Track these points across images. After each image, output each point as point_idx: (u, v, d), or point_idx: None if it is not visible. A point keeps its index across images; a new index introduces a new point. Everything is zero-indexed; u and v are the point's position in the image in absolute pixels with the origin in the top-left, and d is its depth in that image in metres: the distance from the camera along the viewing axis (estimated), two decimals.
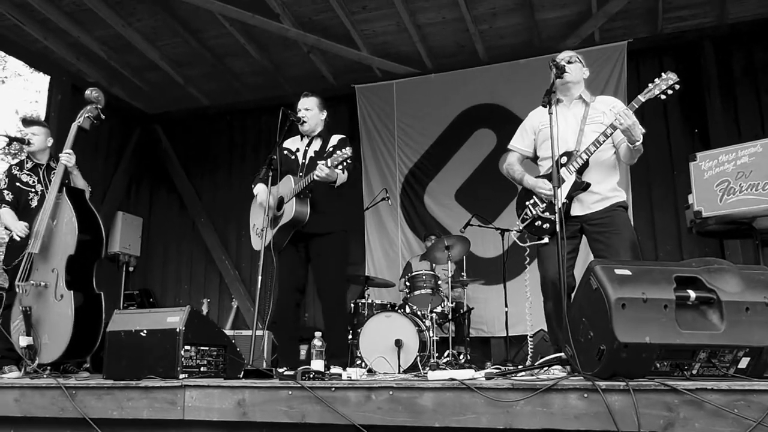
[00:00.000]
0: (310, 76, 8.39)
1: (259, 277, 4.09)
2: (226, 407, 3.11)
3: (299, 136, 4.94)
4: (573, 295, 3.08)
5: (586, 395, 2.59)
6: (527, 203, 4.29)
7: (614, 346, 2.62)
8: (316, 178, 4.40)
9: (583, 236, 4.17)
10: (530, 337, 5.30)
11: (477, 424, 2.72)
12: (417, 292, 6.14)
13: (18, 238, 4.79)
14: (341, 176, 4.55)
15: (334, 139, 4.93)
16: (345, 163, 4.34)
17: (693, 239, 7.09)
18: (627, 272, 2.77)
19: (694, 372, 2.75)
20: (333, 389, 2.96)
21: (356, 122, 8.40)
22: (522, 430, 2.67)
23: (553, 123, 3.69)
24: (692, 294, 2.76)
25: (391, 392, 2.86)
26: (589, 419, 2.57)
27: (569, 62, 4.14)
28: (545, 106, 3.74)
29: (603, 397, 2.54)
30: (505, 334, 6.60)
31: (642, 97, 3.88)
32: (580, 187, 4.02)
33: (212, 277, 9.11)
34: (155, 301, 8.87)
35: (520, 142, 4.49)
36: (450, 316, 6.28)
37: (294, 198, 4.56)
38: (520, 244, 4.36)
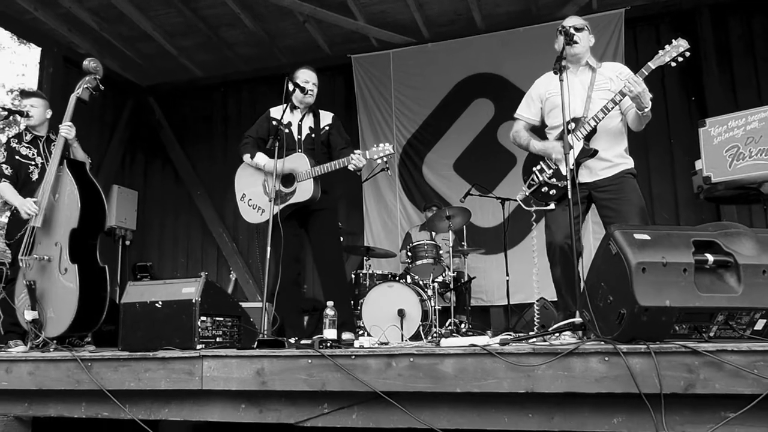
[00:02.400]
0: (305, 47, 8.30)
1: (269, 248, 4.09)
2: (244, 377, 3.13)
3: (287, 108, 4.81)
4: (592, 260, 3.09)
5: (607, 359, 2.63)
6: (534, 169, 4.28)
7: (635, 309, 2.66)
8: (351, 168, 4.46)
9: (592, 204, 4.19)
10: (536, 304, 5.33)
11: (498, 388, 2.75)
12: (419, 262, 6.15)
13: (27, 216, 4.70)
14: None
15: (327, 116, 4.95)
16: (384, 159, 4.45)
17: (690, 206, 7.16)
18: (646, 237, 2.79)
19: (712, 334, 2.80)
20: (353, 357, 2.98)
21: (353, 93, 8.35)
22: (543, 394, 2.70)
23: (564, 90, 3.69)
24: (710, 258, 2.79)
25: (411, 359, 2.88)
26: (610, 382, 2.61)
27: (578, 29, 4.11)
28: (556, 74, 3.74)
29: (624, 360, 2.58)
30: (505, 303, 6.66)
31: (652, 64, 3.87)
32: (588, 153, 4.02)
33: (210, 250, 9.08)
34: (152, 275, 8.82)
35: (526, 110, 4.47)
36: (451, 286, 6.31)
37: (311, 179, 4.57)
38: (524, 207, 4.34)
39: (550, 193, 4.16)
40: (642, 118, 3.97)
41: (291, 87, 4.69)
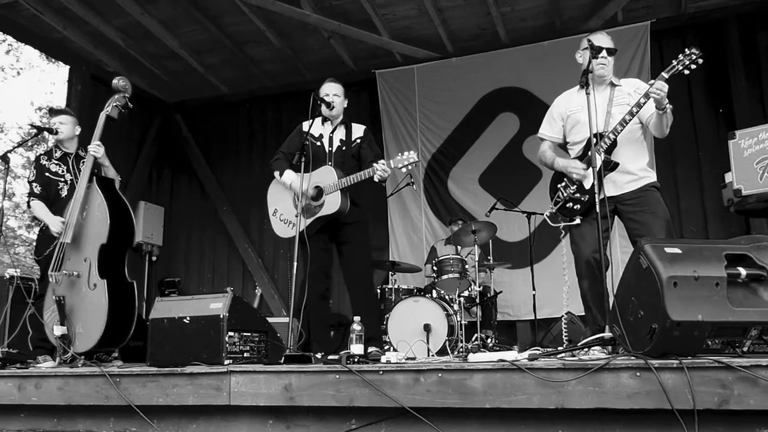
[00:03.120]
0: (330, 62, 8.37)
1: (294, 264, 4.10)
2: (272, 392, 3.12)
3: (319, 121, 4.92)
4: (621, 274, 3.06)
5: (638, 374, 2.58)
6: (558, 186, 4.30)
7: (666, 324, 2.62)
8: (377, 179, 4.46)
9: (617, 217, 4.17)
10: (564, 320, 5.28)
11: (528, 404, 2.72)
12: (445, 277, 6.14)
13: (56, 234, 4.77)
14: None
15: (359, 129, 4.97)
16: (409, 167, 4.44)
17: (718, 220, 7.06)
18: (677, 251, 2.76)
19: (745, 349, 2.75)
20: (381, 372, 2.96)
21: (377, 108, 8.36)
22: (574, 410, 2.66)
23: (591, 103, 3.68)
24: (743, 271, 2.75)
25: (440, 374, 2.86)
26: (642, 398, 2.57)
27: (611, 52, 4.15)
28: (583, 87, 3.76)
29: (656, 375, 2.53)
30: (532, 318, 6.60)
31: (665, 74, 3.85)
32: (608, 166, 3.99)
33: (235, 265, 9.13)
34: (180, 291, 8.88)
35: (549, 129, 4.50)
36: (477, 300, 6.27)
37: (338, 191, 4.57)
38: (551, 224, 4.35)
39: (575, 208, 4.17)
40: (665, 119, 3.91)
41: (318, 102, 4.71)
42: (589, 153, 3.93)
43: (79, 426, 3.61)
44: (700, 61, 3.80)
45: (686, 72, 3.83)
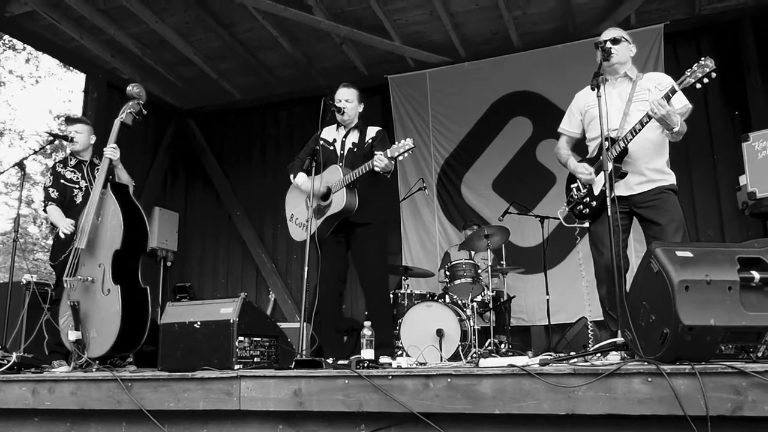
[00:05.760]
0: (342, 68, 8.38)
1: (306, 268, 4.09)
2: (282, 397, 3.12)
3: (335, 127, 4.94)
4: (633, 278, 3.04)
5: (650, 379, 2.55)
6: (572, 186, 4.35)
7: (678, 329, 2.59)
8: (376, 168, 4.41)
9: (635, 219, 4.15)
10: (590, 327, 5.24)
11: (538, 410, 2.70)
12: (457, 281, 6.12)
13: (63, 236, 4.83)
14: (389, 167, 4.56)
15: (372, 130, 4.95)
16: (405, 155, 4.38)
17: (735, 223, 6.98)
18: (689, 254, 2.73)
19: (760, 354, 2.71)
20: (390, 377, 2.95)
21: (390, 113, 8.35)
22: (584, 416, 2.64)
23: (602, 105, 3.65)
24: (756, 275, 2.72)
25: (449, 379, 2.85)
26: (654, 404, 2.54)
27: (615, 41, 4.07)
28: (594, 89, 3.71)
29: (668, 380, 2.50)
30: (546, 323, 6.56)
31: (677, 87, 3.77)
32: (616, 174, 3.95)
33: (249, 271, 9.15)
34: (191, 295, 8.92)
35: (568, 124, 4.51)
36: (490, 305, 6.25)
37: (344, 188, 4.56)
38: (564, 224, 4.46)
39: (584, 211, 4.21)
40: (674, 135, 3.90)
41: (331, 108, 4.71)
42: (601, 157, 3.90)
43: (91, 430, 3.63)
44: (714, 74, 3.67)
45: (698, 86, 3.71)
